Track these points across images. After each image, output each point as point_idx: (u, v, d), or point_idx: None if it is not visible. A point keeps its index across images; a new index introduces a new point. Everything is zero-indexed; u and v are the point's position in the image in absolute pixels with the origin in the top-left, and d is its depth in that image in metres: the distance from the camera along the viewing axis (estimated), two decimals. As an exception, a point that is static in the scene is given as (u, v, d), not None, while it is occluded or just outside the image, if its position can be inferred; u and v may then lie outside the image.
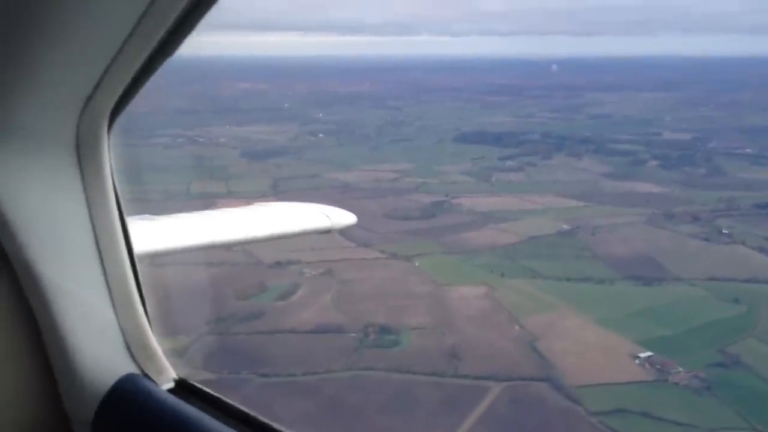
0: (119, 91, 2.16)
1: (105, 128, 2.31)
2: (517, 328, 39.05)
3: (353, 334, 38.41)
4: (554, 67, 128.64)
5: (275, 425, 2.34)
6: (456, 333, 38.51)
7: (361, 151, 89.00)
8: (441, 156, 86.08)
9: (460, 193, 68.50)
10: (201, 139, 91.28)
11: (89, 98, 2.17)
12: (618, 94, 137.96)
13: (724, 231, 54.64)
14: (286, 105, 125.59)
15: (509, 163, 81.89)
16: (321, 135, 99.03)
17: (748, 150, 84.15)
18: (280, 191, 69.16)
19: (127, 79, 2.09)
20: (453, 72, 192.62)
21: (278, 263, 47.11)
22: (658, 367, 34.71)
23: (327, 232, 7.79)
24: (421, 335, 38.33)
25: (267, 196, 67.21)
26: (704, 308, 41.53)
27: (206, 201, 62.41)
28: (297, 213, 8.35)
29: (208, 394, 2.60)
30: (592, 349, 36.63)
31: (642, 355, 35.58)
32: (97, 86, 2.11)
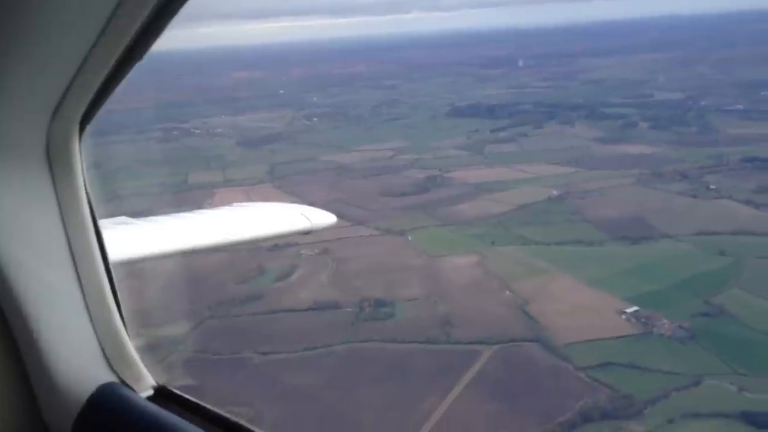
0: (88, 97, 2.16)
1: (76, 135, 2.31)
2: (507, 293, 40.11)
3: (349, 309, 39.52)
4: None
5: (256, 430, 2.33)
6: (448, 302, 39.60)
7: (356, 132, 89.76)
8: (435, 132, 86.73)
9: (453, 167, 69.39)
10: (197, 131, 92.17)
11: (58, 106, 2.16)
12: (612, 59, 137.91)
13: (711, 186, 55.51)
14: (282, 91, 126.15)
15: (502, 134, 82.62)
16: (315, 119, 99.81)
17: (739, 105, 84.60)
18: (276, 176, 70.08)
19: (96, 85, 2.10)
20: (446, 47, 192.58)
21: (276, 246, 48.01)
22: (643, 320, 35.75)
23: (306, 233, 7.81)
24: (414, 306, 39.43)
25: (263, 182, 68.22)
26: (691, 262, 42.46)
27: (203, 191, 63.72)
28: (276, 215, 8.34)
29: (188, 400, 2.58)
30: (581, 308, 37.66)
31: (628, 310, 36.64)
32: (65, 94, 2.11)
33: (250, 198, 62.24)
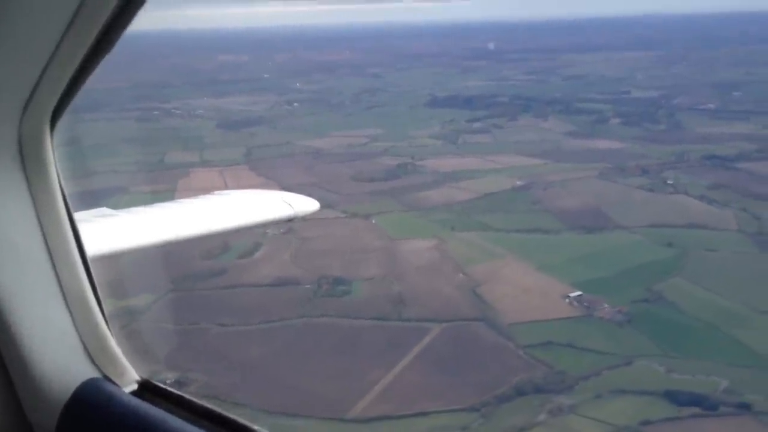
0: (60, 90, 2.15)
1: (48, 129, 2.29)
2: (461, 275, 41.69)
3: (308, 286, 41.00)
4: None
5: (241, 420, 2.34)
6: (403, 282, 41.09)
7: (335, 119, 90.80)
8: (412, 121, 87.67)
9: (426, 156, 70.67)
10: (177, 111, 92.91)
11: (29, 99, 2.14)
12: (595, 55, 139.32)
13: (669, 182, 57.40)
14: (266, 75, 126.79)
15: (476, 125, 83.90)
16: (296, 104, 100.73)
17: (710, 105, 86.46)
18: (252, 159, 71.28)
19: (67, 78, 2.09)
20: (433, 38, 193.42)
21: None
22: (586, 304, 37.42)
23: (290, 220, 7.79)
24: (371, 285, 40.91)
25: (239, 164, 69.45)
26: (639, 252, 44.18)
27: (180, 171, 64.92)
28: (258, 202, 8.31)
29: (172, 393, 2.58)
30: (529, 291, 39.29)
31: (572, 294, 38.33)
32: (36, 88, 2.09)
33: (224, 178, 63.92)
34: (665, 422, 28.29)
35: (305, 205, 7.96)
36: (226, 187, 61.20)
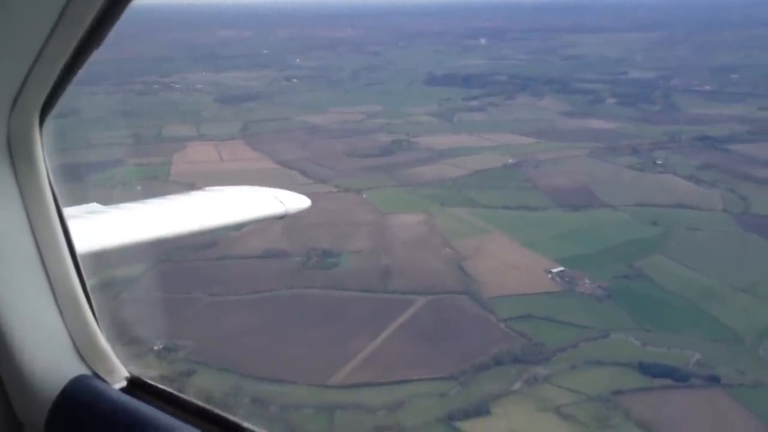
0: (48, 87, 2.15)
1: (36, 126, 2.29)
2: (448, 249, 42.53)
3: (297, 258, 41.89)
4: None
5: (230, 417, 2.35)
6: (391, 255, 41.92)
7: (333, 95, 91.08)
8: (409, 98, 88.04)
9: (421, 133, 71.21)
10: (177, 85, 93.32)
11: (17, 97, 2.13)
12: (596, 36, 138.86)
13: (658, 161, 58.03)
14: (266, 51, 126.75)
15: (473, 103, 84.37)
16: (296, 80, 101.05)
17: (706, 87, 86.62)
18: (249, 133, 71.87)
19: (55, 74, 2.09)
20: (435, 16, 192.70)
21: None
22: (567, 279, 38.26)
23: (281, 218, 7.78)
24: (359, 257, 41.79)
25: (236, 138, 70.09)
26: (624, 230, 44.97)
27: (176, 144, 65.65)
28: (250, 199, 8.33)
29: (162, 390, 2.59)
30: (512, 266, 40.13)
31: (555, 270, 39.16)
32: (24, 84, 2.08)
33: (220, 152, 64.57)
34: (636, 392, 29.21)
35: (297, 202, 7.93)
36: (221, 160, 62.09)
